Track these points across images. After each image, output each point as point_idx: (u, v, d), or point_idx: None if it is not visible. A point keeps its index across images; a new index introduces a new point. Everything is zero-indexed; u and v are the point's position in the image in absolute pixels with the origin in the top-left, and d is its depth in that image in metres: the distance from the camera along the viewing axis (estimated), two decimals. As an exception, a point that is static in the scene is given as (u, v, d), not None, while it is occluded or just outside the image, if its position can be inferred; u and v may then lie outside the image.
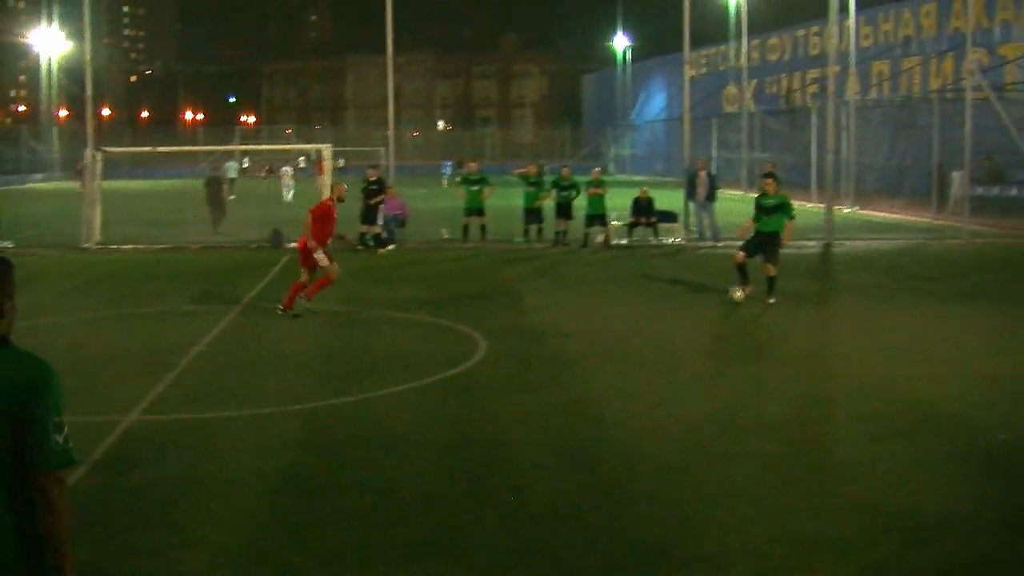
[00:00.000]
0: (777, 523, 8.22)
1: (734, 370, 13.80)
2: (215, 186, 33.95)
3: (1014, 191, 39.98)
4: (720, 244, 28.66)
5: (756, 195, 19.52)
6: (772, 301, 18.30)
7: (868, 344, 15.44)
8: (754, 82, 62.34)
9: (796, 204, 39.13)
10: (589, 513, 8.42)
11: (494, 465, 9.82)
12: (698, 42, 54.62)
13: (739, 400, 12.14)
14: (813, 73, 57.64)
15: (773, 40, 65.78)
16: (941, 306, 19.00)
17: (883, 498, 8.75)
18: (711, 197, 29.75)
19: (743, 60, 56.86)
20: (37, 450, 4.01)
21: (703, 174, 29.94)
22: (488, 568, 7.45)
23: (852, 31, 46.46)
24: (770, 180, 19.40)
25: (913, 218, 37.62)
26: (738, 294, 18.38)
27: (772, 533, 8.00)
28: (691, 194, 30.15)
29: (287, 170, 51.37)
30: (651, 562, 7.50)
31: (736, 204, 38.89)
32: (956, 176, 36.88)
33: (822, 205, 31.56)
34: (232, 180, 48.27)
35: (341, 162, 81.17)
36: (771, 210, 18.90)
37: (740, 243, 19.25)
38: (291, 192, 48.22)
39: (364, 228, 28.19)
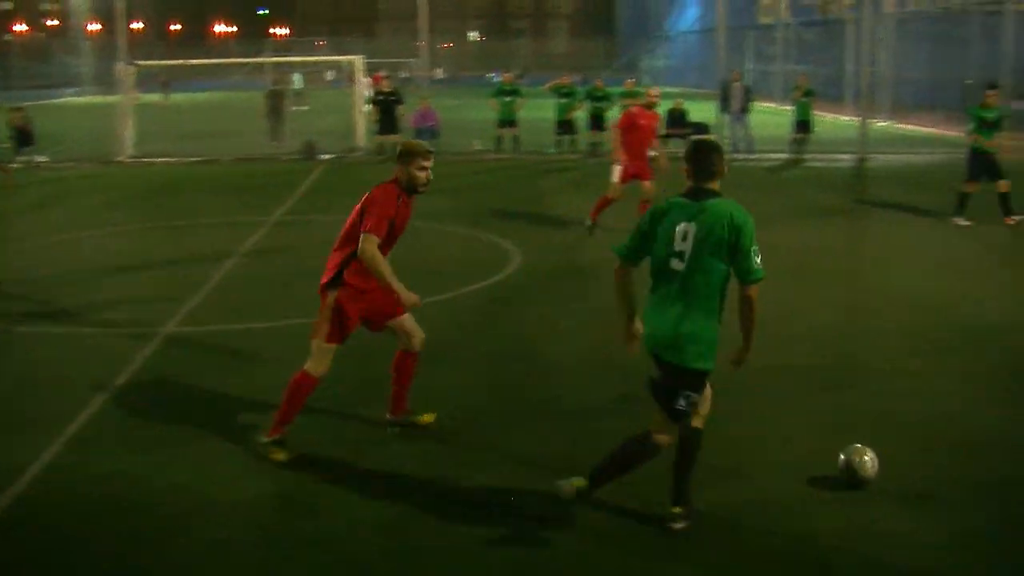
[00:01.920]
0: (816, 438, 8.27)
1: (773, 283, 13.67)
2: (275, 99, 33.85)
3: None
4: (754, 156, 28.47)
5: (977, 108, 18.20)
6: (1015, 220, 17.65)
7: (902, 258, 15.42)
8: (792, -8, 61.45)
9: (830, 117, 39.12)
10: (619, 421, 8.46)
11: (529, 376, 9.91)
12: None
13: (777, 313, 12.09)
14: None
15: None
16: (980, 219, 18.83)
17: (925, 414, 8.83)
18: (745, 109, 29.49)
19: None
20: (744, 269, 6.35)
21: (737, 86, 29.65)
22: (521, 477, 7.53)
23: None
24: (995, 92, 18.44)
25: (952, 133, 37.14)
26: (964, 222, 17.89)
27: (812, 447, 8.07)
28: (725, 106, 29.88)
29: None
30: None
31: (771, 116, 38.50)
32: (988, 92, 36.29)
33: (857, 118, 31.13)
34: (299, 92, 47.95)
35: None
36: (994, 124, 18.13)
37: (779, 154, 18.94)
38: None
39: (380, 138, 28.28)
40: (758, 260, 6.39)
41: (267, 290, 13.61)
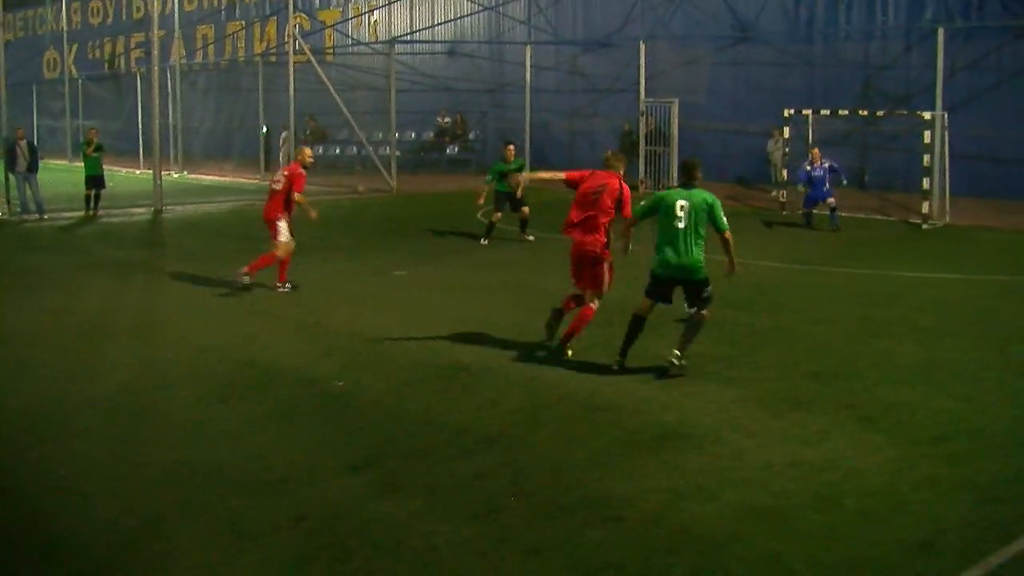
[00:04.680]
0: (126, 498, 7.92)
1: (77, 347, 12.98)
2: None
3: (336, 150, 41.60)
4: (46, 216, 27.19)
5: (497, 162, 22.57)
6: (531, 237, 21.84)
7: (206, 306, 15.30)
8: (76, 46, 60.04)
9: (125, 171, 38.65)
10: None
11: None
12: (12, 4, 51.75)
13: (76, 376, 11.47)
14: (138, 37, 56.35)
15: (95, 3, 63.52)
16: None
17: (230, 458, 8.74)
18: (33, 168, 28.11)
19: (63, 23, 54.54)
20: (719, 223, 11.02)
21: (23, 144, 28.19)
22: None
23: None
24: (511, 146, 22.83)
25: (243, 180, 37.92)
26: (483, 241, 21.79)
27: (121, 508, 7.72)
28: (11, 166, 28.31)
29: None
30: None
31: (61, 174, 37.34)
32: (282, 137, 37.71)
33: (150, 171, 30.74)
34: None
35: None
36: (509, 172, 21.00)
37: (74, 212, 18.16)
38: None
39: None
40: (725, 219, 11.14)
41: None
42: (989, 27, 28.17)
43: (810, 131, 27.17)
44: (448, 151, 41.84)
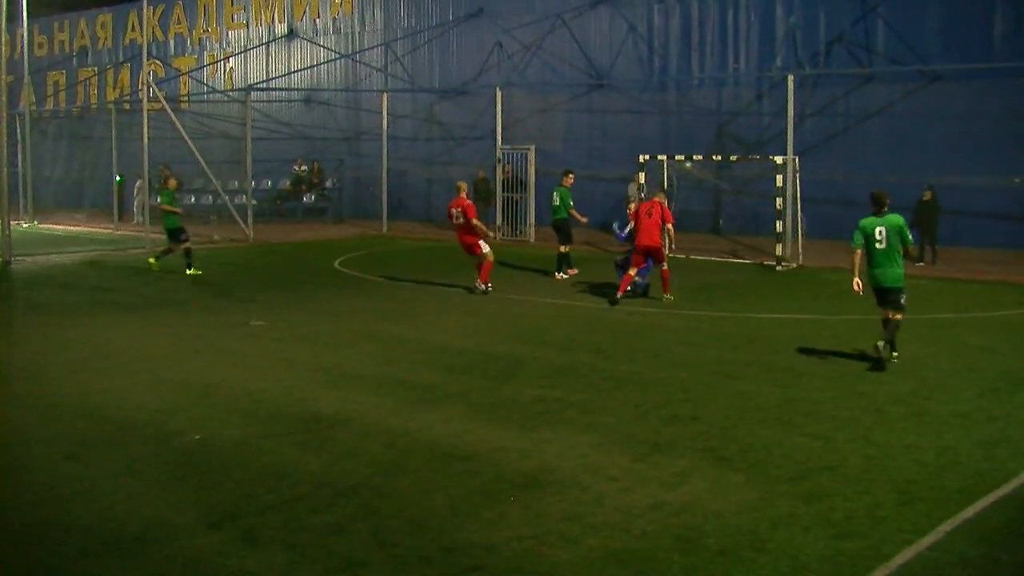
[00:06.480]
0: None
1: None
2: None
3: (191, 199, 40.97)
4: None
5: (561, 188, 24.34)
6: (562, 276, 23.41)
7: (58, 360, 14.85)
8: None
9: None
10: None
11: None
12: None
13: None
14: (-16, 84, 55.03)
15: (-63, 49, 61.86)
16: (125, 316, 18.77)
17: (84, 517, 8.45)
18: None
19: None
20: (906, 240, 14.17)
21: None
22: None
23: (25, 40, 44.85)
24: (571, 175, 24.77)
25: (96, 229, 37.14)
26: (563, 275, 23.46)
27: None
28: None
29: None
30: None
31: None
32: (136, 186, 37.02)
33: None
34: None
35: None
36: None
37: None
38: None
39: None
40: (911, 235, 14.17)
41: None
42: (836, 74, 29.09)
43: (665, 177, 27.62)
44: (305, 200, 41.48)
